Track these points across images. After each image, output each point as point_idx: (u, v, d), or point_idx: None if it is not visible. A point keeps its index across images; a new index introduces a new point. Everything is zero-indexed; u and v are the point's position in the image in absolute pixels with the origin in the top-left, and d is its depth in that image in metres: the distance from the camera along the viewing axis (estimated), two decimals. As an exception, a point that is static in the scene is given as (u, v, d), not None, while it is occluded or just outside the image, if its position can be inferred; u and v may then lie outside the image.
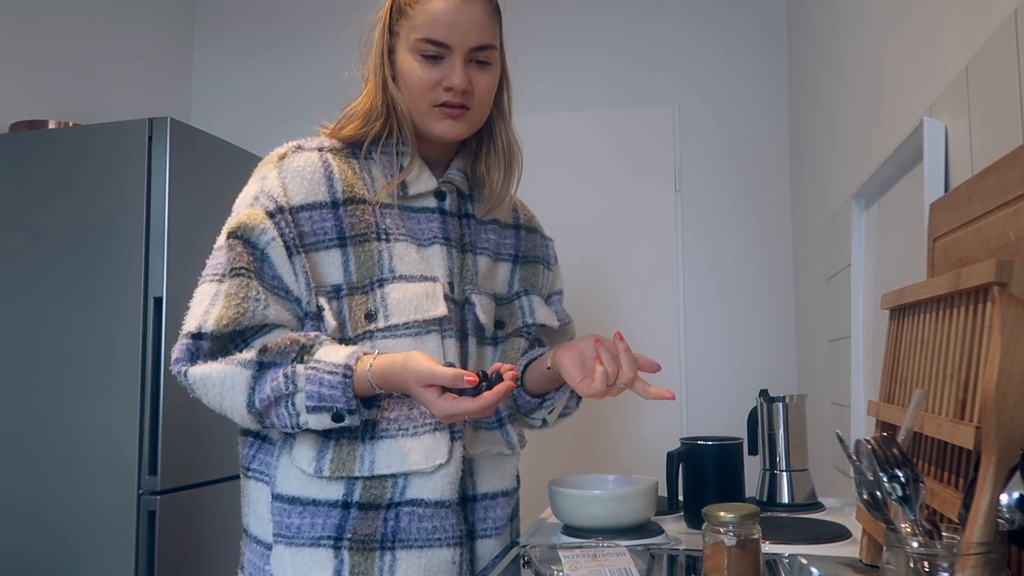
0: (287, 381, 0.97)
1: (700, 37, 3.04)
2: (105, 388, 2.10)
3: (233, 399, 0.99)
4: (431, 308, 1.06)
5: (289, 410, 0.97)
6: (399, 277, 1.06)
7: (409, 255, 1.08)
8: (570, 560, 0.99)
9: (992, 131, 0.93)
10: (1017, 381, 0.57)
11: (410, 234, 1.10)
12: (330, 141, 1.10)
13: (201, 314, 1.00)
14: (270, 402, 0.98)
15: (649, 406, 2.91)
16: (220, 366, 0.99)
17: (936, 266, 0.99)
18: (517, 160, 1.19)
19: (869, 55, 1.61)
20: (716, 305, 2.95)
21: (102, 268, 2.14)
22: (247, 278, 1.00)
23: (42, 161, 2.22)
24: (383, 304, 1.05)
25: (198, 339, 0.99)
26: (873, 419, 1.03)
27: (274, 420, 0.99)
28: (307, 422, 0.98)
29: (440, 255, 1.10)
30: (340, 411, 0.97)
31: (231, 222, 1.04)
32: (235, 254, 1.01)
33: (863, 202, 1.62)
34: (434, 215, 1.12)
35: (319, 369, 0.96)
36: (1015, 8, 0.86)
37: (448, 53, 1.05)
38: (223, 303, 0.99)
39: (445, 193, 1.14)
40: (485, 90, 1.09)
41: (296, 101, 3.25)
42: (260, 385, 0.98)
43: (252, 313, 1.00)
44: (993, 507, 0.57)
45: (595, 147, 3.04)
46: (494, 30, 1.09)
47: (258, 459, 1.09)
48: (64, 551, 2.08)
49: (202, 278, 1.04)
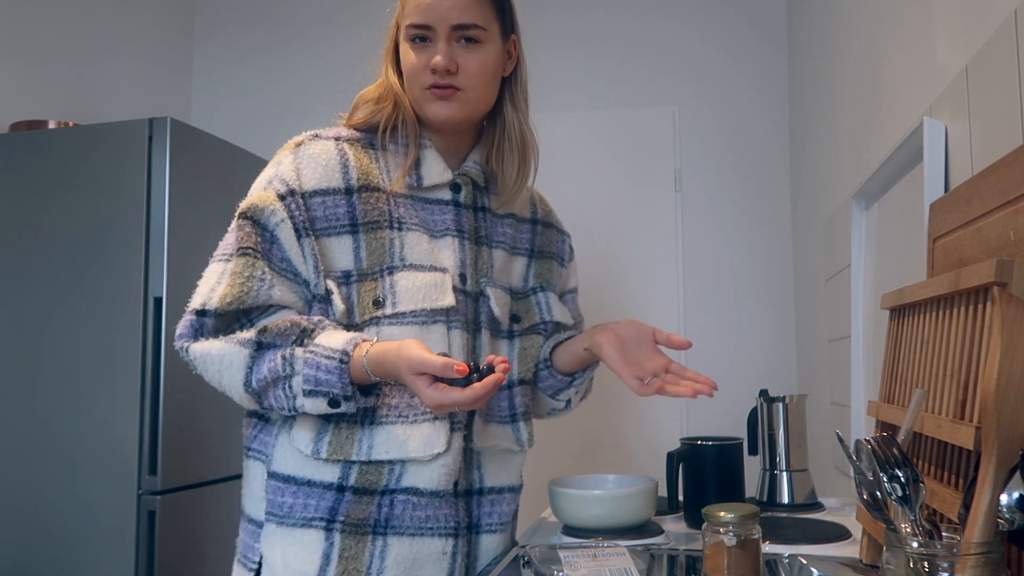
0: (285, 363, 0.97)
1: (700, 37, 3.04)
2: (105, 388, 2.10)
3: (231, 377, 1.00)
4: (439, 298, 1.06)
5: (286, 392, 0.98)
6: (409, 266, 1.07)
7: (420, 245, 1.09)
8: (570, 560, 0.99)
9: (992, 131, 0.93)
10: (1017, 381, 0.57)
11: (423, 224, 1.11)
12: (348, 131, 1.12)
13: (207, 292, 1.02)
14: (267, 383, 0.98)
15: (649, 406, 2.91)
16: (220, 343, 1.00)
17: (936, 266, 0.99)
18: (532, 152, 1.18)
19: (869, 55, 1.61)
20: (716, 305, 2.95)
21: (102, 268, 2.14)
22: (253, 258, 1.02)
23: (42, 161, 2.22)
24: (391, 291, 1.06)
25: (202, 316, 1.00)
26: (873, 419, 1.03)
27: (271, 401, 1.00)
28: (303, 406, 0.98)
29: (452, 247, 1.11)
30: (336, 397, 0.97)
31: (243, 203, 1.06)
32: (244, 234, 1.03)
33: (863, 202, 1.62)
34: (448, 207, 1.13)
35: (317, 353, 0.97)
36: (1015, 8, 0.86)
37: (432, 35, 1.07)
38: (228, 281, 1.01)
39: (460, 185, 1.14)
40: (474, 69, 1.08)
41: (296, 101, 3.25)
42: (258, 365, 0.99)
43: (256, 292, 1.01)
44: (993, 507, 0.57)
45: (595, 147, 3.04)
46: (481, 10, 1.09)
47: (259, 439, 1.10)
48: (64, 551, 2.08)
49: (212, 258, 1.05)
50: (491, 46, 1.10)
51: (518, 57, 1.17)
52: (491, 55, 1.10)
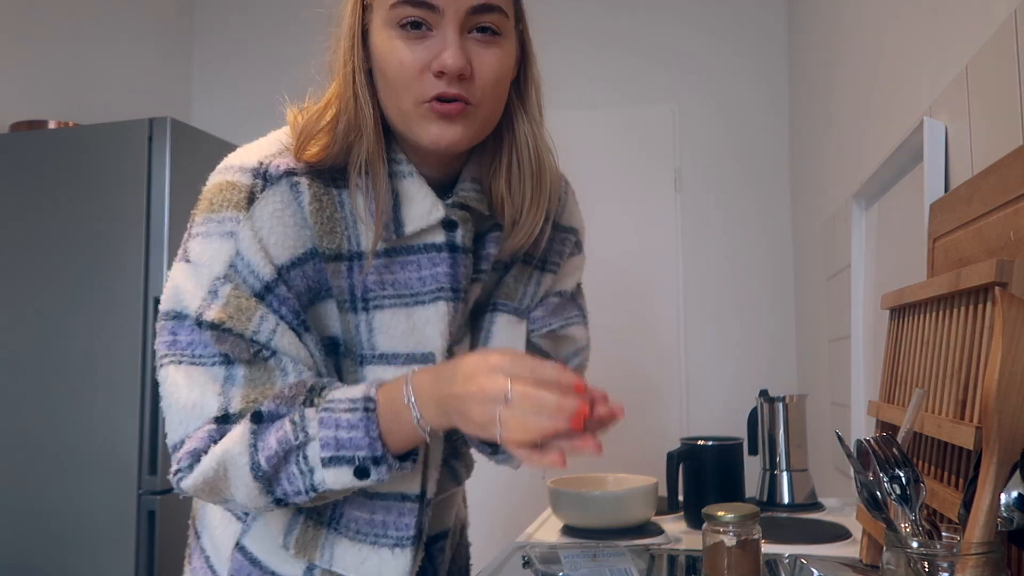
0: (296, 428, 0.75)
1: (700, 36, 3.04)
2: (105, 388, 2.10)
3: (236, 470, 0.75)
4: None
5: (301, 466, 0.75)
6: (379, 357, 0.84)
7: (396, 325, 0.83)
8: (570, 560, 0.99)
9: (992, 131, 0.93)
10: (1018, 382, 0.57)
11: (401, 293, 0.84)
12: (301, 163, 0.82)
13: (217, 403, 0.77)
14: (278, 459, 0.75)
15: (649, 406, 2.91)
16: (213, 447, 0.77)
17: (936, 266, 0.99)
18: (549, 175, 0.88)
19: (869, 55, 1.61)
20: (716, 305, 2.95)
21: (102, 268, 2.14)
22: (262, 360, 0.78)
23: (42, 161, 2.22)
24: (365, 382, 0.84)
25: (224, 423, 0.76)
26: (873, 419, 1.03)
27: (286, 486, 0.76)
28: (323, 481, 0.75)
29: (442, 317, 0.84)
30: (363, 461, 0.74)
31: (209, 308, 0.76)
32: (231, 347, 0.77)
33: (863, 202, 1.62)
34: (441, 254, 0.84)
35: (333, 408, 0.75)
36: (1015, 8, 0.86)
37: (436, 20, 0.76)
38: (244, 385, 0.77)
39: (456, 222, 0.84)
40: (492, 74, 0.78)
41: (296, 101, 3.24)
42: (263, 439, 0.75)
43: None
44: (994, 507, 0.57)
45: (595, 146, 3.04)
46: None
47: None
48: (64, 551, 2.08)
49: (168, 362, 0.78)
50: (510, 41, 0.81)
51: (527, 51, 0.86)
52: (510, 54, 0.82)
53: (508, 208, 0.87)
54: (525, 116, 0.86)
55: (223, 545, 0.91)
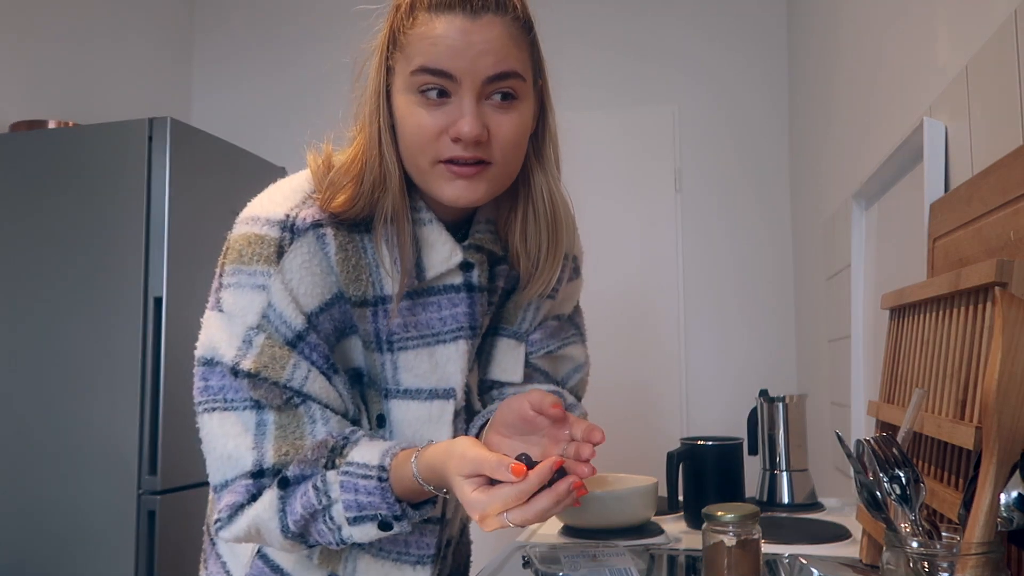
0: (319, 493, 0.80)
1: (700, 36, 3.04)
2: (105, 388, 2.10)
3: (269, 532, 0.81)
4: (432, 433, 0.88)
5: (328, 525, 0.81)
6: (403, 392, 0.89)
7: (419, 364, 0.88)
8: (570, 560, 0.99)
9: (992, 131, 0.93)
10: (1018, 382, 0.57)
11: (424, 332, 0.89)
12: (326, 213, 0.85)
13: (252, 456, 0.81)
14: (305, 521, 0.81)
15: (649, 406, 2.91)
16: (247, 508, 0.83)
17: (936, 266, 0.99)
18: (565, 228, 0.93)
19: (869, 55, 1.61)
20: (716, 305, 2.95)
21: (102, 268, 2.14)
22: (292, 407, 0.83)
23: (42, 161, 2.22)
24: (389, 417, 0.90)
25: (259, 477, 0.81)
26: (873, 419, 1.03)
27: (316, 538, 0.83)
28: (352, 536, 0.81)
29: (462, 355, 0.89)
30: (385, 518, 0.80)
31: (244, 358, 0.81)
32: (264, 393, 0.82)
33: (863, 202, 1.62)
34: (460, 295, 0.89)
35: (351, 473, 0.80)
36: (1015, 8, 0.86)
37: (454, 88, 0.79)
38: (275, 434, 0.82)
39: (473, 264, 0.89)
40: (509, 137, 0.82)
41: (296, 101, 3.25)
42: (290, 505, 0.80)
43: (312, 434, 0.84)
44: (994, 507, 0.57)
45: (595, 146, 3.04)
46: (521, 55, 0.82)
47: None
48: (64, 551, 2.08)
49: (203, 410, 0.83)
50: (528, 103, 0.85)
51: (546, 105, 0.92)
52: (528, 115, 0.85)
53: (523, 260, 0.91)
54: (541, 169, 0.91)
55: (241, 551, 0.95)
